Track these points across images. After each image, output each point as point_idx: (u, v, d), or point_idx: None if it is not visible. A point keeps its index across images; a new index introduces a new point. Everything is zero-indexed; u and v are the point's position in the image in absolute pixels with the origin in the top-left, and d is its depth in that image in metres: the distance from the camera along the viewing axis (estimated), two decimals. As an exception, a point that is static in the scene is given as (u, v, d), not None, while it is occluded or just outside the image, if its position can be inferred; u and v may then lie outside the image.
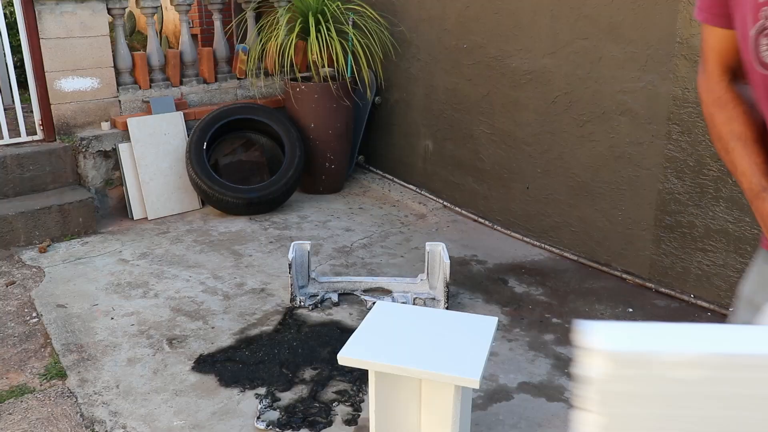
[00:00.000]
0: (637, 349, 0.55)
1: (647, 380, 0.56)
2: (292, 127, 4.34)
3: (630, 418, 0.58)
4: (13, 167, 3.84)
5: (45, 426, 2.18)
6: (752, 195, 0.98)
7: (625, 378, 0.56)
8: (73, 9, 3.97)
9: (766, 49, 0.87)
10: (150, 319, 2.88)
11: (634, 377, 0.56)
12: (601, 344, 0.55)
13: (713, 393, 0.55)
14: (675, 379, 0.54)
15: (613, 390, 0.57)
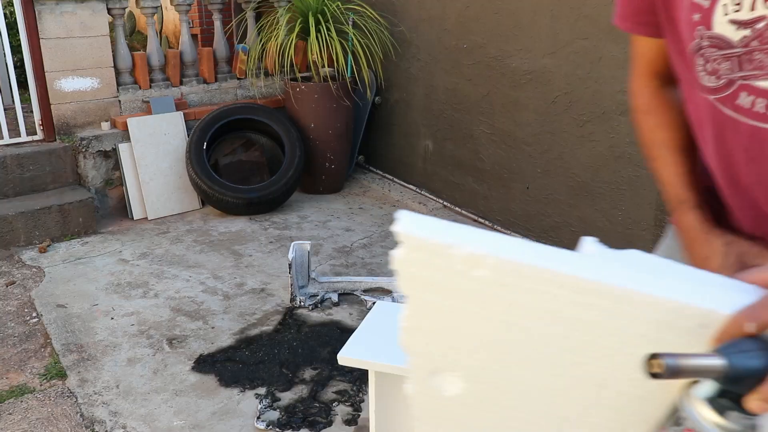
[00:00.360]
0: (435, 238, 0.58)
1: (440, 269, 0.58)
2: (292, 127, 4.34)
3: (429, 305, 0.61)
4: (13, 167, 3.84)
5: (45, 426, 2.18)
6: (671, 206, 0.96)
7: (419, 262, 0.58)
8: (73, 9, 3.97)
9: (701, 69, 0.83)
10: (150, 319, 2.88)
11: (429, 264, 0.59)
12: (405, 228, 0.58)
13: (493, 295, 0.59)
14: (465, 275, 0.57)
15: (411, 273, 0.59)
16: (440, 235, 0.58)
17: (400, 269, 0.60)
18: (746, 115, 0.79)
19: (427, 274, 0.59)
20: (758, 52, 0.76)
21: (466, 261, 0.58)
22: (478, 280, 0.58)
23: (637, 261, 0.64)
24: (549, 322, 0.60)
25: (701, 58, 0.83)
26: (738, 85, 0.79)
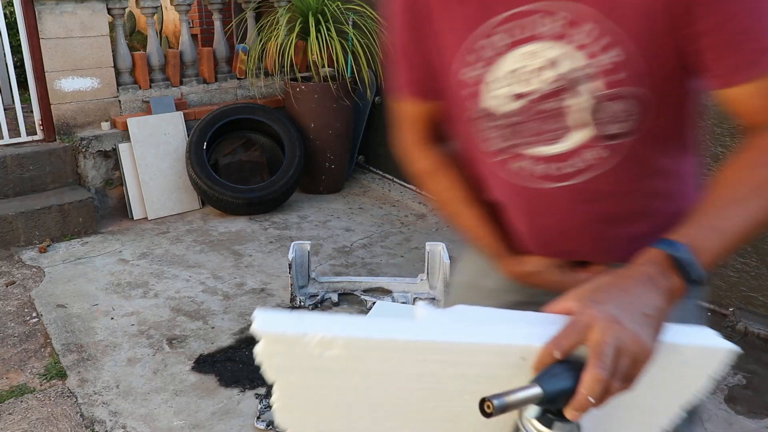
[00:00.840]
0: (289, 330, 0.68)
1: (298, 356, 0.69)
2: (292, 127, 4.34)
3: (292, 385, 0.71)
4: (13, 167, 3.84)
5: (45, 426, 2.18)
6: (492, 257, 1.01)
7: (279, 352, 0.69)
8: (73, 9, 3.97)
9: (477, 136, 0.92)
10: (150, 319, 2.88)
11: (288, 352, 0.69)
12: (261, 326, 0.68)
13: (349, 368, 0.69)
14: (321, 356, 0.68)
15: (274, 362, 0.70)
16: (293, 327, 0.68)
17: (263, 361, 0.69)
18: (515, 179, 0.91)
19: (288, 361, 0.69)
20: (521, 125, 0.86)
21: (319, 345, 0.68)
22: (333, 358, 0.68)
23: (463, 315, 0.74)
24: (401, 379, 0.70)
25: (475, 127, 0.91)
26: (508, 152, 0.89)
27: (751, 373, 2.43)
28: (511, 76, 0.85)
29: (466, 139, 0.97)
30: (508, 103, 0.87)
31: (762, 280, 2.71)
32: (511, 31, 0.83)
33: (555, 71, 0.82)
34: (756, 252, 2.70)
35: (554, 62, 0.82)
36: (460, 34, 0.87)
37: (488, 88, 0.87)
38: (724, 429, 2.13)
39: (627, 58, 0.79)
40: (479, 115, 0.90)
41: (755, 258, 2.71)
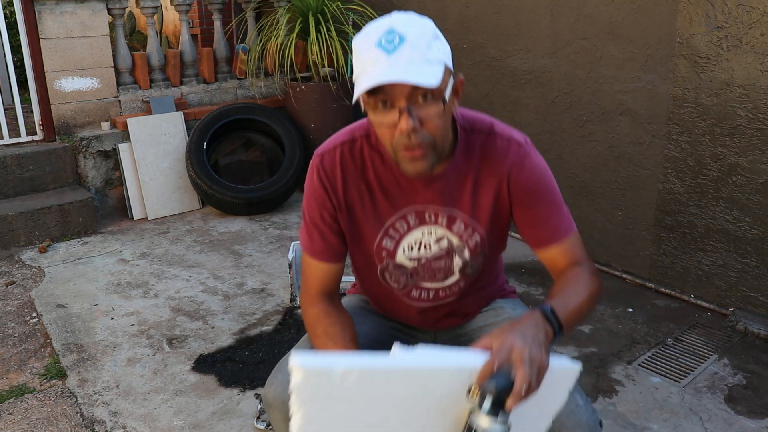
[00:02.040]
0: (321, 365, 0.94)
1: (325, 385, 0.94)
2: (292, 127, 4.34)
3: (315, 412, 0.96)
4: (13, 167, 3.84)
5: (45, 426, 2.18)
6: None
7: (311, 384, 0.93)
8: (73, 9, 3.97)
9: (388, 278, 1.42)
10: (150, 319, 2.88)
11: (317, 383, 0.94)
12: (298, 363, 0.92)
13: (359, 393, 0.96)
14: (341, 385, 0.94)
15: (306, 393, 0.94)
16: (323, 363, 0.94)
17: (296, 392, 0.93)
18: (417, 301, 1.45)
19: (316, 391, 0.94)
20: (420, 271, 1.40)
21: (341, 376, 0.94)
22: (349, 386, 0.94)
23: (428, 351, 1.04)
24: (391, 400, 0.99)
25: (387, 272, 1.41)
26: (410, 286, 1.42)
27: (751, 373, 2.43)
28: (416, 243, 1.36)
29: (373, 282, 1.45)
30: (412, 261, 1.38)
31: (762, 280, 2.71)
32: (417, 216, 1.34)
33: (442, 243, 1.37)
34: (756, 252, 2.70)
35: (440, 239, 1.36)
36: (381, 219, 1.35)
37: (401, 251, 1.38)
38: (724, 429, 2.13)
39: (481, 239, 1.36)
40: (394, 266, 1.40)
41: (755, 258, 2.71)
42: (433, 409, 1.00)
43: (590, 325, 2.79)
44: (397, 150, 1.18)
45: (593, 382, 2.38)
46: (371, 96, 1.14)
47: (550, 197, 1.36)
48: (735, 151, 2.69)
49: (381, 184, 1.33)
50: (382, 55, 1.11)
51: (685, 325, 2.79)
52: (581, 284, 1.25)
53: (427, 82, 1.10)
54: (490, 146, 1.31)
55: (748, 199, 2.68)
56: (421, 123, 1.15)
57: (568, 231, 1.35)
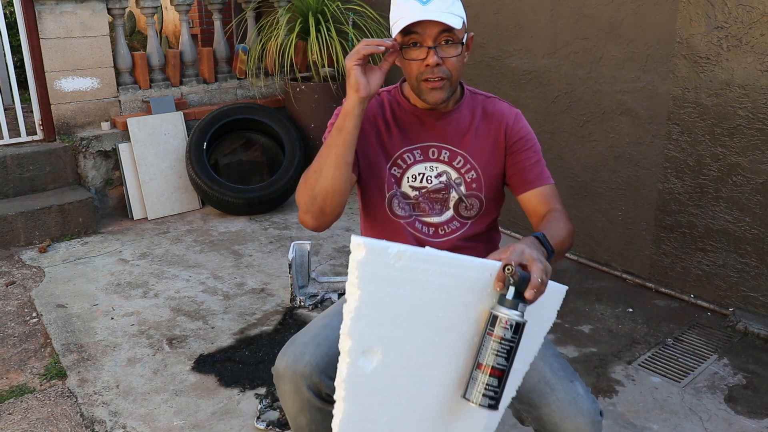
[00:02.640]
0: (378, 245, 1.03)
1: (381, 264, 1.04)
2: (292, 127, 4.34)
3: (373, 294, 1.05)
4: (13, 167, 3.84)
5: (45, 426, 2.18)
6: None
7: (370, 260, 1.03)
8: (73, 9, 3.97)
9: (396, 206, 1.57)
10: (150, 319, 2.88)
11: (375, 261, 1.04)
12: (359, 241, 1.02)
13: (408, 278, 1.06)
14: (394, 266, 1.05)
15: (365, 270, 1.04)
16: (381, 244, 1.04)
17: (357, 268, 1.04)
18: (419, 233, 1.58)
19: (373, 270, 1.04)
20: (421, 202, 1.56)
21: (395, 256, 1.04)
22: (401, 268, 1.05)
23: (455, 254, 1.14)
24: (431, 288, 1.09)
25: (395, 199, 1.56)
26: (413, 218, 1.57)
27: (751, 373, 2.43)
28: (419, 175, 1.55)
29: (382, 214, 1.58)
30: (414, 190, 1.56)
31: (762, 280, 2.71)
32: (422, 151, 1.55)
33: (442, 178, 1.55)
34: (756, 252, 2.70)
35: (441, 173, 1.55)
36: (393, 148, 1.56)
37: (406, 179, 1.56)
38: (724, 429, 2.13)
39: (477, 177, 1.55)
40: (398, 194, 1.56)
41: (755, 258, 2.71)
42: (461, 305, 1.13)
43: (590, 325, 2.79)
44: (420, 81, 1.45)
45: (593, 382, 2.38)
46: (405, 36, 1.42)
47: (536, 149, 1.60)
48: (735, 151, 2.69)
49: (396, 120, 1.58)
50: (418, 5, 1.39)
51: (685, 325, 2.79)
52: (561, 222, 1.43)
53: (453, 23, 1.38)
54: (490, 105, 1.61)
55: (748, 199, 2.68)
56: (443, 61, 1.42)
57: (548, 180, 1.57)
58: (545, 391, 1.35)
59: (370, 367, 1.07)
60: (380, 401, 1.12)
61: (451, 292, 1.11)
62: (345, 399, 1.08)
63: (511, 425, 2.11)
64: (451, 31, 1.40)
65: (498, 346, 1.10)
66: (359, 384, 1.08)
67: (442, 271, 1.09)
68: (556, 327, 2.77)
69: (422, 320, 1.10)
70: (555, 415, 1.32)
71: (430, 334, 1.12)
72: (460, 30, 1.42)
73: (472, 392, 1.12)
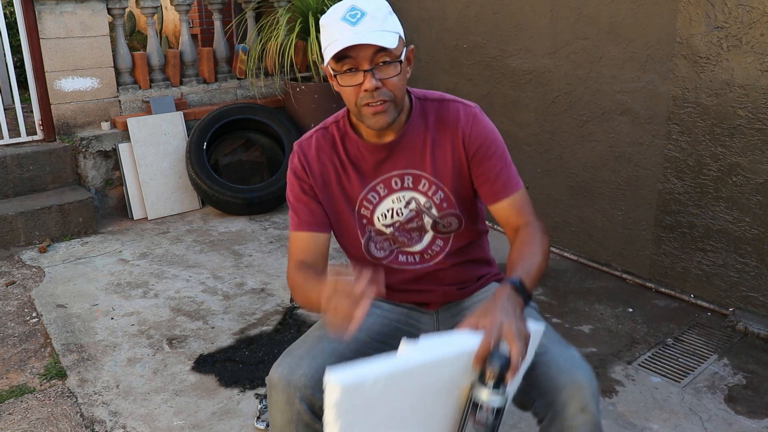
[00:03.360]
0: (352, 380, 1.02)
1: (359, 397, 1.03)
2: (292, 127, 4.34)
3: (350, 423, 1.04)
4: (13, 167, 3.84)
5: (45, 426, 2.18)
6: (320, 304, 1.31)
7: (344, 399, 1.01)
8: (73, 9, 3.97)
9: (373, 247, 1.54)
10: (150, 319, 2.88)
11: (352, 397, 1.02)
12: (333, 380, 1.01)
13: (386, 398, 1.06)
14: (371, 392, 1.04)
15: (339, 408, 1.02)
16: (356, 377, 1.02)
17: (334, 409, 1.01)
18: (403, 265, 1.55)
19: (352, 403, 1.03)
20: (398, 236, 1.52)
21: (372, 385, 1.03)
22: (377, 391, 1.05)
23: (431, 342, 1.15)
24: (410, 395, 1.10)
25: (372, 243, 1.53)
26: (395, 252, 1.54)
27: (751, 373, 2.43)
28: (388, 212, 1.50)
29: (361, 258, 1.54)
30: (388, 227, 1.51)
31: (762, 280, 2.71)
32: (384, 185, 1.49)
33: (411, 206, 1.49)
34: (756, 252, 2.70)
35: (409, 200, 1.49)
36: (355, 192, 1.49)
37: (376, 219, 1.51)
38: (724, 429, 2.13)
39: (446, 196, 1.48)
40: (373, 236, 1.52)
41: (755, 258, 2.71)
42: (442, 393, 1.14)
43: (590, 325, 2.79)
44: (361, 107, 1.36)
45: (593, 382, 2.38)
46: (339, 62, 1.34)
47: (501, 153, 1.49)
48: (735, 151, 2.69)
49: (350, 159, 1.50)
50: (347, 26, 1.31)
51: (685, 325, 2.79)
52: (536, 243, 1.40)
53: (387, 44, 1.30)
54: (443, 110, 1.49)
55: (748, 199, 2.68)
56: (383, 83, 1.34)
57: (517, 186, 1.51)
58: (540, 352, 1.32)
59: None
60: None
61: (431, 388, 1.12)
62: None
63: (511, 425, 2.11)
64: (387, 50, 1.32)
65: (481, 428, 1.12)
66: None
67: (420, 377, 1.09)
68: (556, 327, 2.77)
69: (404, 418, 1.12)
70: (551, 371, 1.28)
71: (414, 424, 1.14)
72: (397, 47, 1.34)
73: None
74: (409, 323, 1.59)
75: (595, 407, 1.27)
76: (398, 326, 1.56)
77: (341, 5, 1.34)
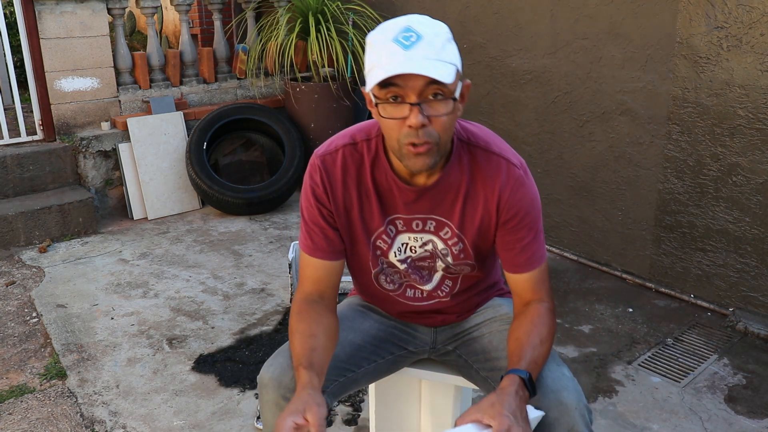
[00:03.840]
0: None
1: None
2: (292, 127, 4.34)
3: None
4: (13, 167, 3.84)
5: (45, 426, 2.18)
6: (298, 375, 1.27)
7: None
8: (73, 9, 3.97)
9: (383, 280, 1.50)
10: (150, 319, 2.88)
11: None
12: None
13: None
14: None
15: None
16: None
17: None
18: (410, 300, 1.51)
19: None
20: (409, 271, 1.45)
21: None
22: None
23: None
24: None
25: (382, 275, 1.48)
26: (404, 286, 1.50)
27: (751, 373, 2.43)
28: (404, 246, 1.42)
29: (369, 285, 1.52)
30: (402, 263, 1.44)
31: (762, 280, 2.71)
32: (404, 223, 1.40)
33: (427, 247, 1.42)
34: (756, 252, 2.70)
35: (427, 242, 1.41)
36: (378, 221, 1.40)
37: (393, 253, 1.43)
38: (724, 429, 2.13)
39: (464, 248, 1.40)
40: (385, 268, 1.47)
41: (755, 258, 2.71)
42: None
43: (590, 325, 2.79)
44: (403, 145, 1.21)
45: (593, 382, 2.38)
46: (383, 89, 1.17)
47: (534, 226, 1.36)
48: (735, 151, 2.69)
49: (377, 188, 1.37)
50: (399, 50, 1.14)
51: (685, 325, 2.79)
52: (545, 331, 1.32)
53: (442, 77, 1.13)
54: (485, 161, 1.34)
55: (748, 199, 2.68)
56: (430, 120, 1.18)
57: (540, 261, 1.39)
58: None
59: None
60: None
61: None
62: None
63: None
64: (440, 83, 1.15)
65: None
66: None
67: None
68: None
69: None
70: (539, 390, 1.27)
71: None
72: (453, 81, 1.16)
73: None
74: (407, 332, 1.57)
75: (583, 427, 1.25)
76: (395, 333, 1.55)
77: (395, 23, 1.18)
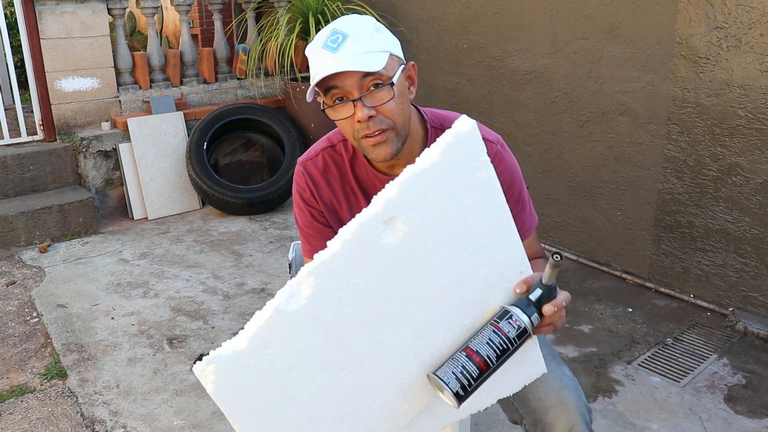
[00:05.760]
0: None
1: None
2: (292, 127, 4.34)
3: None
4: (14, 167, 3.84)
5: (45, 426, 2.18)
6: None
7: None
8: (73, 9, 3.97)
9: None
10: (150, 319, 2.88)
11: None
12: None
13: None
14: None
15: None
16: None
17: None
18: None
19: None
20: None
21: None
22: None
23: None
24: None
25: None
26: None
27: (750, 373, 2.43)
28: None
29: None
30: None
31: (761, 280, 2.71)
32: None
33: None
34: (755, 252, 2.70)
35: None
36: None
37: None
38: (724, 429, 2.13)
39: None
40: None
41: (755, 258, 2.71)
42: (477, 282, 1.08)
43: (590, 325, 2.79)
44: (360, 140, 1.23)
45: (593, 382, 2.38)
46: (326, 94, 1.21)
47: (520, 196, 1.39)
48: (735, 151, 2.69)
49: (360, 185, 1.39)
50: (328, 54, 1.18)
51: (684, 325, 2.79)
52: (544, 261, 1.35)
53: (370, 68, 1.16)
54: None
55: (748, 199, 2.69)
56: (377, 111, 1.20)
57: (531, 229, 1.43)
58: None
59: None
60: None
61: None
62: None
63: (510, 425, 2.11)
64: (374, 73, 1.17)
65: (497, 338, 1.02)
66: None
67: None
68: (555, 327, 2.77)
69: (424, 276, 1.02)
70: (540, 389, 1.26)
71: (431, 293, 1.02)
72: (387, 67, 1.18)
73: (446, 371, 1.01)
74: None
75: (584, 427, 1.26)
76: None
77: (323, 31, 1.22)
